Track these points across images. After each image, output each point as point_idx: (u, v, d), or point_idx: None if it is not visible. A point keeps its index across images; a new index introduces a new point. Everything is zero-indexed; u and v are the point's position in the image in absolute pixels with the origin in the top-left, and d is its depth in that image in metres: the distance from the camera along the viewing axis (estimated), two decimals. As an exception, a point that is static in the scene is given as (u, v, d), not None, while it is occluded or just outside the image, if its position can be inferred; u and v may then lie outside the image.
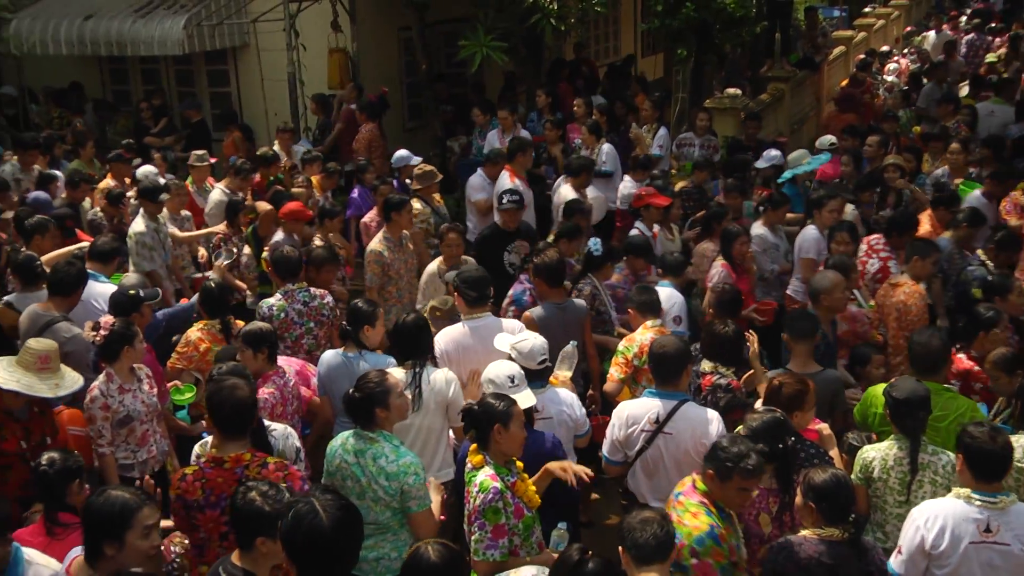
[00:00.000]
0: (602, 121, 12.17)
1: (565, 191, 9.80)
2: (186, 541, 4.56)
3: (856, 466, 5.13)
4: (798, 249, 8.48)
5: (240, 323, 6.78)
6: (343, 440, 4.83)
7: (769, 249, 8.67)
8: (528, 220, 9.35)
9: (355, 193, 10.86)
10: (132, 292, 6.47)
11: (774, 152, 11.14)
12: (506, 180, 9.73)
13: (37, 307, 6.59)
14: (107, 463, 5.58)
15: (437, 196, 10.04)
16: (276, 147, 11.79)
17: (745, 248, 8.06)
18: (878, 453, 5.06)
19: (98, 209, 9.70)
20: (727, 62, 19.20)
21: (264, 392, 5.50)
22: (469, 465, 4.69)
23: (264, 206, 9.22)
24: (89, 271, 7.06)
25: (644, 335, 6.35)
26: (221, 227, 9.21)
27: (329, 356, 6.12)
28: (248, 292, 8.76)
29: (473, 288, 6.27)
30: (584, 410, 5.73)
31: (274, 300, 6.98)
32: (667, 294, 7.19)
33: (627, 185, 10.55)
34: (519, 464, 4.73)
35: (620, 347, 6.44)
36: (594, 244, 7.46)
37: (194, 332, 6.64)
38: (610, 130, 12.63)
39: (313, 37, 13.44)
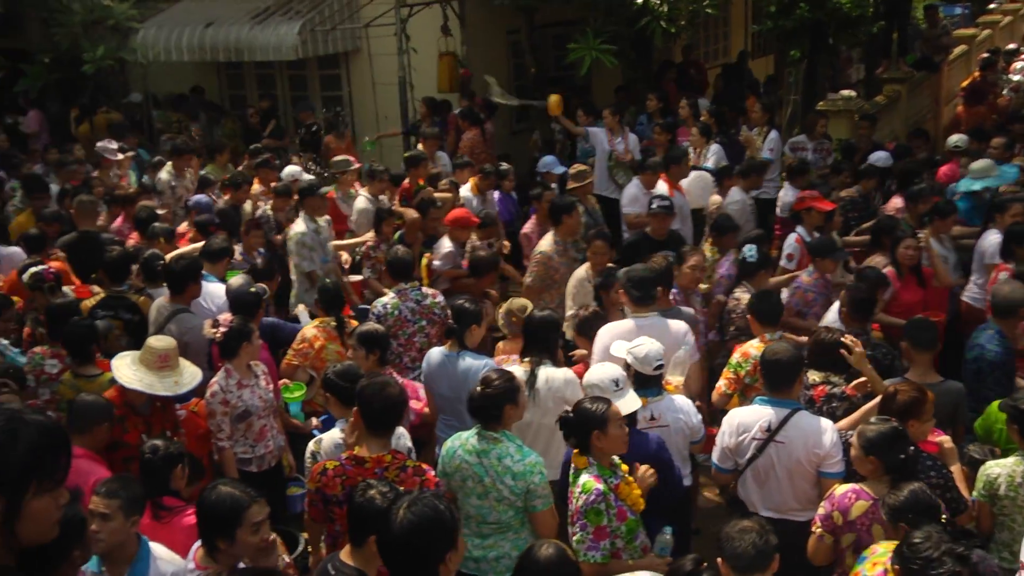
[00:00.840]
0: (712, 123, 12.03)
1: (734, 193, 9.77)
2: (286, 558, 4.64)
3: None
4: (981, 255, 8.12)
5: (355, 323, 6.94)
6: (462, 441, 4.85)
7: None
8: (684, 231, 9.14)
9: (496, 197, 10.58)
10: (254, 290, 6.66)
11: (882, 153, 10.80)
12: (662, 189, 9.42)
13: (163, 299, 6.87)
14: (226, 457, 5.73)
15: (592, 198, 9.90)
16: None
17: (909, 252, 7.69)
18: (1004, 470, 4.86)
19: (267, 207, 9.90)
20: (834, 63, 18.76)
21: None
22: (573, 467, 4.68)
23: (411, 213, 9.04)
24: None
25: (760, 350, 5.96)
26: (369, 236, 9.00)
27: (433, 354, 6.20)
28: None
29: (638, 287, 6.25)
30: (700, 417, 5.67)
31: (387, 299, 7.10)
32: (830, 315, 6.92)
33: (787, 192, 10.17)
34: (623, 467, 4.71)
35: (733, 361, 6.30)
36: (748, 251, 7.31)
37: (310, 329, 6.80)
38: (719, 132, 12.46)
39: (423, 41, 13.63)
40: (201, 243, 8.21)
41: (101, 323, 6.59)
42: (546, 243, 8.22)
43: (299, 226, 8.76)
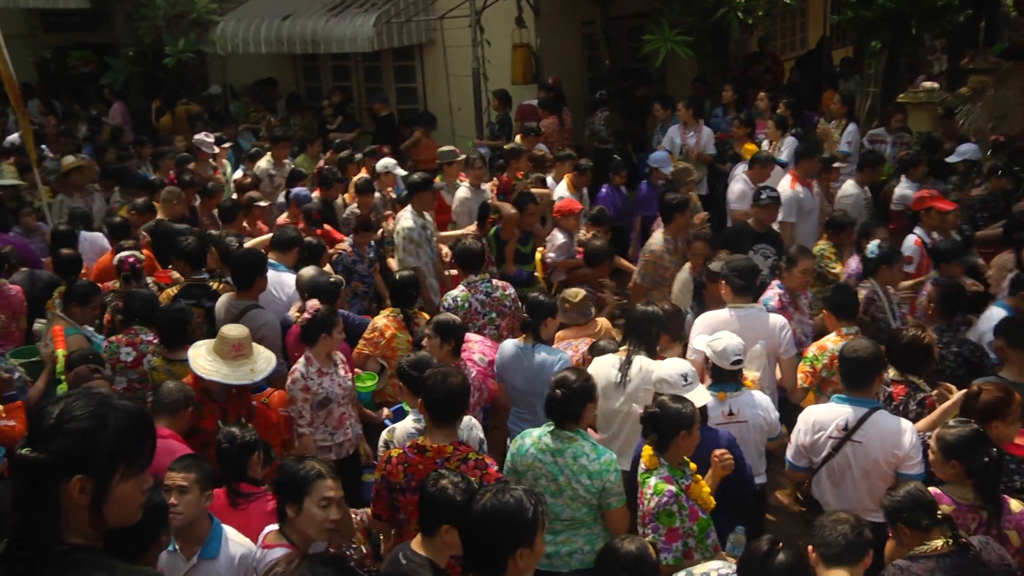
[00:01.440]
0: (788, 116, 11.83)
1: (849, 187, 9.58)
2: (363, 548, 4.70)
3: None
4: None
5: (424, 314, 7.00)
6: (535, 440, 4.85)
7: None
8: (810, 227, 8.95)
9: (601, 192, 10.50)
10: (333, 279, 6.74)
11: (968, 146, 10.50)
12: (785, 186, 9.10)
13: (229, 296, 6.88)
14: (306, 443, 5.81)
15: (693, 194, 9.76)
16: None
17: None
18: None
19: (354, 206, 9.82)
20: (919, 52, 18.28)
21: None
22: (643, 466, 4.67)
23: (508, 208, 8.84)
24: (271, 261, 7.38)
25: (837, 344, 5.96)
26: (471, 228, 8.94)
27: (507, 346, 6.23)
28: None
29: (741, 276, 6.24)
30: (778, 413, 5.60)
31: (458, 291, 7.14)
32: None
33: (904, 185, 9.88)
34: (692, 465, 4.70)
35: (809, 354, 6.22)
36: (872, 247, 7.19)
37: (381, 319, 6.86)
38: (795, 125, 12.26)
39: (498, 33, 13.65)
40: (269, 235, 8.32)
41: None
42: (656, 241, 8.11)
43: (407, 221, 8.49)
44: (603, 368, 5.77)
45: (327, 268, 7.91)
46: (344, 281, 7.41)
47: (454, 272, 8.58)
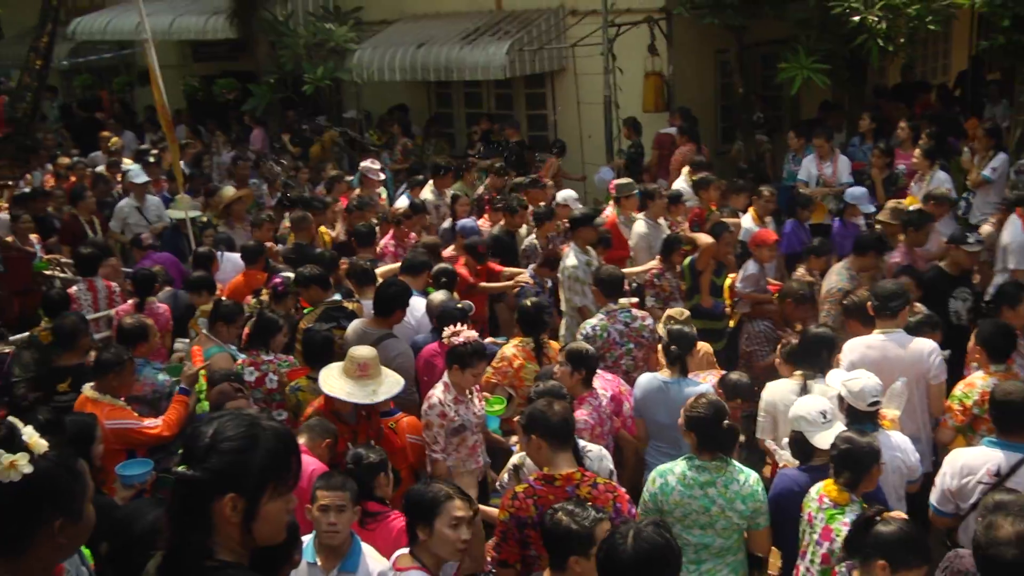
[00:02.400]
0: (932, 146, 11.39)
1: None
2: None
3: None
4: None
5: (554, 344, 6.99)
6: (679, 476, 4.79)
7: None
8: None
9: (787, 227, 10.04)
10: (462, 305, 6.81)
11: None
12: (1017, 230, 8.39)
13: (363, 324, 6.96)
14: (440, 469, 5.80)
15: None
16: (684, 182, 11.05)
17: None
18: None
19: (533, 237, 9.71)
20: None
21: (581, 414, 5.56)
22: (827, 502, 4.55)
23: (704, 238, 8.45)
24: None
25: (987, 381, 5.77)
26: (654, 263, 8.60)
27: (646, 380, 6.14)
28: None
29: (890, 299, 6.21)
30: (918, 455, 5.39)
31: (596, 320, 7.10)
32: None
33: None
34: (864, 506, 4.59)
35: (957, 392, 5.95)
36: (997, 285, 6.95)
37: (509, 348, 6.88)
38: (938, 155, 11.80)
39: (629, 61, 13.63)
40: (397, 264, 8.40)
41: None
42: (838, 277, 7.83)
43: (570, 259, 8.22)
44: (780, 394, 5.83)
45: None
46: (472, 306, 7.47)
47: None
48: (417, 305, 7.40)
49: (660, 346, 6.25)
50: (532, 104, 16.16)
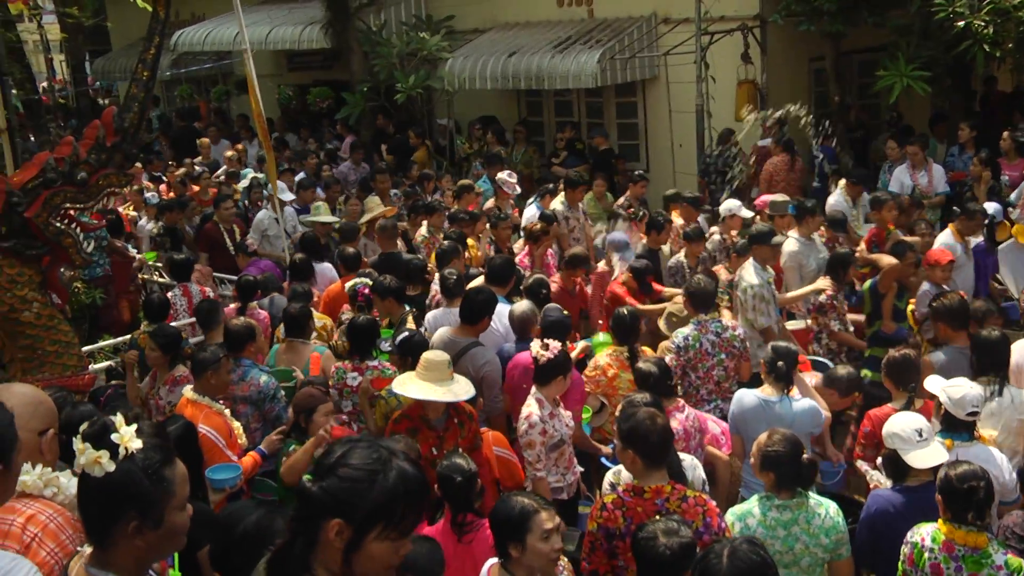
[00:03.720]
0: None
1: None
2: None
3: None
4: None
5: (647, 350, 6.96)
6: (758, 518, 4.68)
7: None
8: None
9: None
10: (566, 313, 6.82)
11: None
12: None
13: (450, 332, 6.95)
14: (543, 487, 5.73)
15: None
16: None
17: None
18: None
19: (681, 255, 9.39)
20: None
21: (673, 423, 5.52)
22: (961, 548, 4.34)
23: (886, 259, 8.02)
24: None
25: None
26: (824, 282, 8.10)
27: (746, 397, 6.03)
28: None
29: None
30: (1014, 474, 5.21)
31: (688, 330, 7.06)
32: None
33: None
34: None
35: None
36: None
37: (603, 357, 6.87)
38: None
39: (723, 69, 13.49)
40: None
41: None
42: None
43: (752, 276, 7.88)
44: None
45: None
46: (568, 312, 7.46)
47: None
48: (501, 311, 7.37)
49: (763, 363, 6.12)
50: (623, 113, 16.12)
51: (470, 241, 10.01)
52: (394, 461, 2.50)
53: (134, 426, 2.65)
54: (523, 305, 7.18)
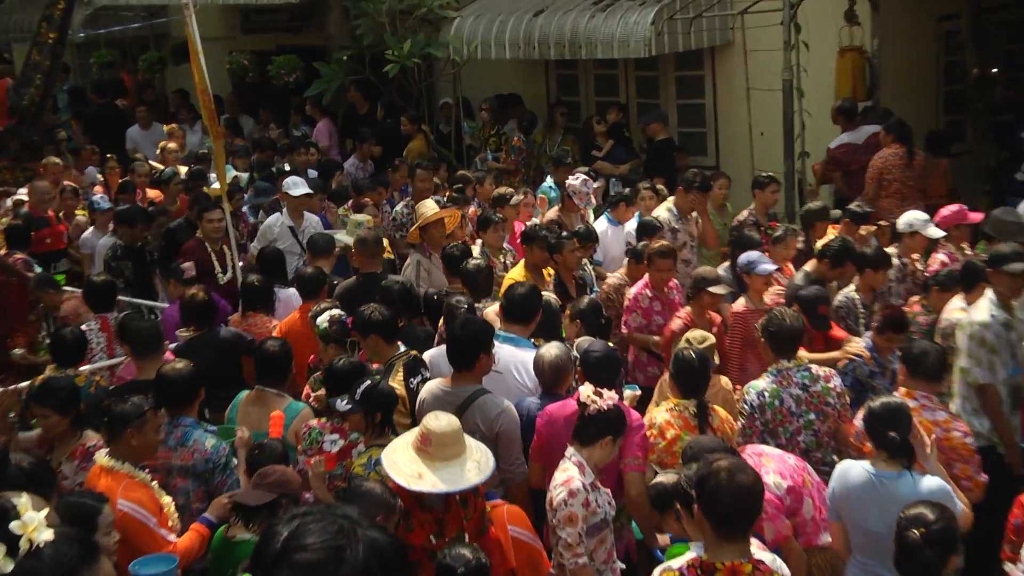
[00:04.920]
0: None
1: None
2: None
3: None
4: None
5: (718, 409, 6.96)
6: None
7: None
8: None
9: None
10: (611, 346, 6.87)
11: None
12: None
13: (442, 383, 6.97)
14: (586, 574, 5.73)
15: None
16: None
17: None
18: None
19: (851, 289, 9.31)
20: None
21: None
22: None
23: None
24: (507, 334, 7.52)
25: None
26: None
27: (851, 470, 5.98)
28: None
29: None
30: None
31: (764, 383, 7.07)
32: None
33: None
34: None
35: None
36: None
37: (661, 413, 6.87)
38: None
39: (820, 32, 13.49)
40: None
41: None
42: None
43: (982, 314, 7.76)
44: None
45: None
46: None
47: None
48: (526, 360, 7.39)
49: (862, 424, 6.08)
50: (685, 91, 16.18)
51: (548, 270, 9.93)
52: (359, 531, 2.51)
53: (44, 511, 2.63)
54: (554, 349, 7.13)
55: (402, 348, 7.69)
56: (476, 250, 10.60)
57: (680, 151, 15.12)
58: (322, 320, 7.89)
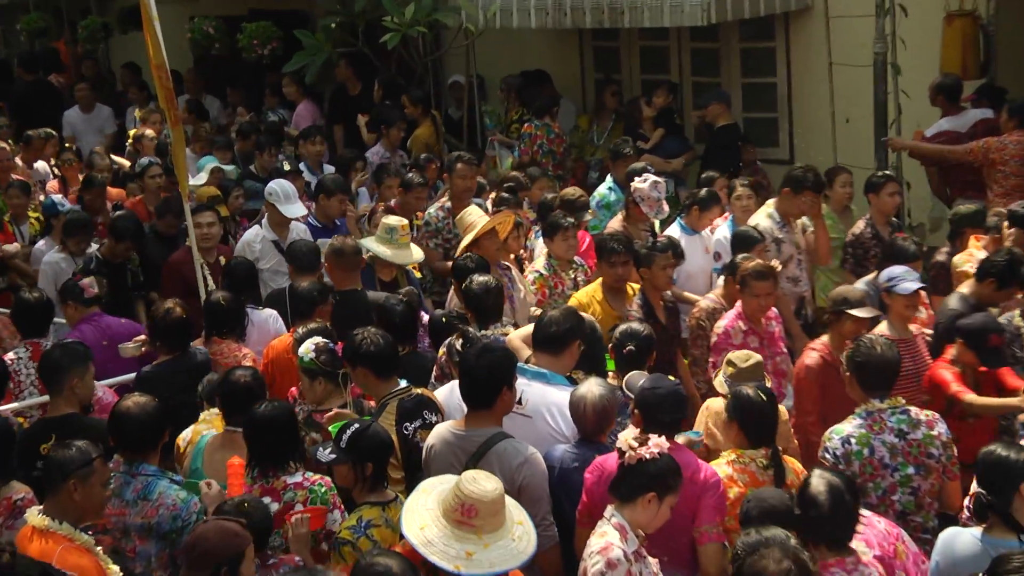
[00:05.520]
0: None
1: None
2: None
3: None
4: None
5: (791, 461, 6.96)
6: None
7: None
8: None
9: None
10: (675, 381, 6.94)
11: None
12: None
13: (453, 426, 7.03)
14: None
15: None
16: None
17: None
18: None
19: (1016, 314, 9.20)
20: None
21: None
22: None
23: None
24: (537, 369, 7.55)
25: None
26: None
27: (958, 539, 6.01)
28: None
29: None
30: None
31: (851, 427, 7.07)
32: None
33: None
34: None
35: None
36: None
37: (723, 466, 6.91)
38: None
39: (919, -4, 13.49)
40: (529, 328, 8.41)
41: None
42: None
43: None
44: None
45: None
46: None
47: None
48: (561, 400, 7.39)
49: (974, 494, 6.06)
50: (752, 68, 16.21)
51: (631, 288, 9.91)
52: None
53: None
54: (595, 387, 7.13)
55: (402, 384, 7.70)
56: (539, 262, 10.62)
57: (748, 142, 15.11)
58: (306, 350, 7.89)
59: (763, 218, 11.05)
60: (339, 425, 6.83)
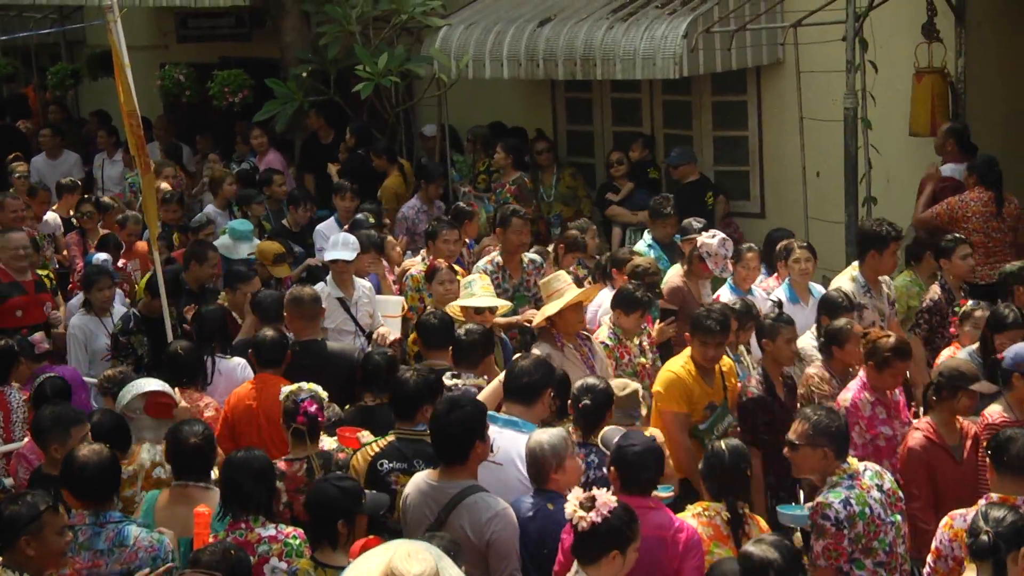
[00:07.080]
0: None
1: None
2: None
3: None
4: None
5: (759, 520, 6.97)
6: None
7: None
8: None
9: None
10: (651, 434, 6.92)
11: None
12: None
13: (427, 477, 7.04)
14: None
15: None
16: None
17: None
18: None
19: None
20: None
21: None
22: None
23: None
24: (510, 417, 7.63)
25: None
26: None
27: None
28: None
29: None
30: None
31: (844, 491, 6.98)
32: None
33: None
34: None
35: None
36: None
37: (688, 519, 6.87)
38: None
39: (891, 50, 13.61)
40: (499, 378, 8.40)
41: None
42: None
43: None
44: None
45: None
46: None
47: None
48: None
49: (969, 544, 6.03)
50: (724, 121, 16.29)
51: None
52: None
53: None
54: (539, 434, 7.17)
55: (365, 436, 7.86)
56: (603, 332, 10.32)
57: (720, 194, 15.17)
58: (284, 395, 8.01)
59: (846, 281, 10.83)
60: None
